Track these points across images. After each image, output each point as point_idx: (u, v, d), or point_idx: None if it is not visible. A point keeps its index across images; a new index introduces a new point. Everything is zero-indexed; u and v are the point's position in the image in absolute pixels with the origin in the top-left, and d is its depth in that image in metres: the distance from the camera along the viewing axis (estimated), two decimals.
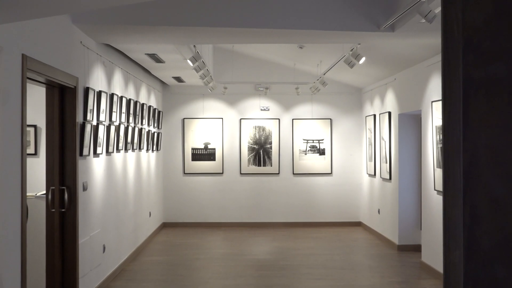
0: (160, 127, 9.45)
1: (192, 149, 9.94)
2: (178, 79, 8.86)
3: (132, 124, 7.13)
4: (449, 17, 1.14)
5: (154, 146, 8.92)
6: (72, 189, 4.78)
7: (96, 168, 5.55)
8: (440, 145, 6.09)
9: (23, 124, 3.69)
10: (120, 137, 6.39)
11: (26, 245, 3.77)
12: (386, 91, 8.35)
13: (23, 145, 3.70)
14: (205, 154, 9.93)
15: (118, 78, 6.41)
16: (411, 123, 7.77)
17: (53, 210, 4.69)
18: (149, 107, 8.34)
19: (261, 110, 10.03)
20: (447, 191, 1.18)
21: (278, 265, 6.78)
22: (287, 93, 9.98)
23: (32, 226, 4.83)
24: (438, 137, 6.22)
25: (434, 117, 6.25)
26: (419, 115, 7.50)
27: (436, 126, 6.25)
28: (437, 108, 6.23)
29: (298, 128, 10.05)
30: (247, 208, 10.00)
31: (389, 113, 8.11)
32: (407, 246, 7.70)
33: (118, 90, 6.39)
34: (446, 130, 1.17)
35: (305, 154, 9.99)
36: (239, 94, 10.00)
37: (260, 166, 9.99)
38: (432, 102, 6.33)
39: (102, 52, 5.73)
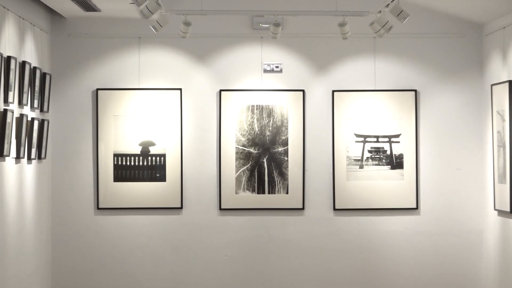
0: (46, 108, 9.54)
1: (116, 155, 10.12)
2: (85, 5, 8.97)
3: None
4: None
5: (34, 150, 9.00)
6: None
7: None
8: None
9: None
10: None
11: None
12: None
13: None
14: (143, 167, 10.10)
15: None
16: None
17: None
18: (23, 64, 8.47)
19: (265, 71, 10.21)
20: None
21: None
22: (320, 36, 10.18)
23: None
24: None
25: None
26: None
27: None
28: None
29: (346, 112, 10.13)
30: (235, 285, 10.01)
31: None
32: None
33: None
34: None
35: (361, 166, 10.15)
36: (218, 37, 10.18)
37: (263, 193, 10.17)
38: None
39: None
